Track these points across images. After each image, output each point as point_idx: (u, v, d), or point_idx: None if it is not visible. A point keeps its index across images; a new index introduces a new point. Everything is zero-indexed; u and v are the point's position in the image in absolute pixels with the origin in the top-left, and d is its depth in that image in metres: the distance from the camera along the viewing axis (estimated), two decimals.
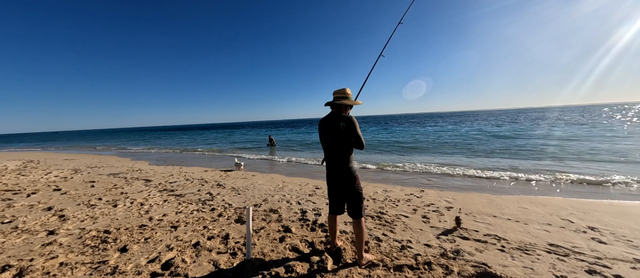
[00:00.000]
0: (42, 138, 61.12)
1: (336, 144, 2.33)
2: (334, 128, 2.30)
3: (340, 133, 2.28)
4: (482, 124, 29.52)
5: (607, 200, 4.69)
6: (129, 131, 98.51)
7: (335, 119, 2.32)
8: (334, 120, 2.32)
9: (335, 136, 2.31)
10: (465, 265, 2.46)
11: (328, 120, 2.39)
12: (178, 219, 3.93)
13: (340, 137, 2.29)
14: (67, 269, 2.52)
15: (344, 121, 2.27)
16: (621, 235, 3.15)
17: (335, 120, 2.31)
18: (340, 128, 2.27)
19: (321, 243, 2.95)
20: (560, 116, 38.67)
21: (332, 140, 2.34)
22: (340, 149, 2.33)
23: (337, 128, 2.28)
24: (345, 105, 2.39)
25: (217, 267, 2.50)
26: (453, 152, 11.67)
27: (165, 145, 23.90)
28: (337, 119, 2.31)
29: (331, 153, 2.39)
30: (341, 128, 2.26)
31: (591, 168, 7.29)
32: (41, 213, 4.34)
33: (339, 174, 2.37)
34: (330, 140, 2.35)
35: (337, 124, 2.29)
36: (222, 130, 57.38)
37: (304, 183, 6.43)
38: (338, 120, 2.30)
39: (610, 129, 17.49)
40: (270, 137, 19.04)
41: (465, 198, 4.83)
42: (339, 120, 2.29)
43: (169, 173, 8.30)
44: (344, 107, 2.40)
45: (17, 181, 7.24)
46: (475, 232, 3.30)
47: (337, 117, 2.32)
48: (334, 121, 2.32)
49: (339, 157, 2.35)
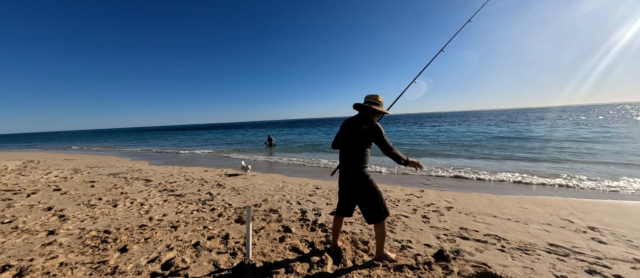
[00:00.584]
0: (42, 138, 61.10)
1: (353, 146, 2.30)
2: (356, 129, 2.28)
3: (360, 135, 2.26)
4: (482, 124, 29.52)
5: (607, 200, 4.69)
6: (128, 131, 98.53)
7: (360, 120, 2.31)
8: (358, 122, 2.31)
9: (354, 137, 2.29)
10: (465, 265, 2.46)
11: (353, 120, 2.38)
12: (178, 219, 3.93)
13: (358, 139, 2.27)
14: (67, 269, 2.52)
15: (367, 124, 2.25)
16: (621, 235, 3.15)
17: (359, 122, 2.30)
18: (362, 130, 2.24)
19: (321, 243, 2.95)
20: (560, 116, 38.68)
21: (350, 140, 2.32)
22: (355, 151, 2.29)
23: (358, 130, 2.26)
24: (374, 110, 2.37)
25: (217, 267, 2.50)
26: (453, 153, 11.68)
27: (165, 145, 23.90)
28: (362, 121, 2.30)
29: (346, 153, 2.36)
30: (363, 130, 2.24)
31: (592, 168, 7.29)
32: (41, 213, 4.34)
33: (351, 176, 2.34)
34: (349, 140, 2.33)
35: (360, 125, 2.27)
36: (221, 130, 57.41)
37: (304, 183, 6.43)
38: (362, 122, 2.29)
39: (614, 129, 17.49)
40: (270, 137, 18.69)
41: (465, 198, 4.83)
42: (363, 122, 2.28)
43: (169, 173, 8.30)
44: (372, 112, 2.38)
45: (17, 181, 7.24)
46: (475, 232, 3.30)
47: (362, 120, 2.31)
48: (358, 122, 2.31)
49: (353, 158, 2.31)
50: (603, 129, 17.37)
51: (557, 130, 18.64)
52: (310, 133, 31.53)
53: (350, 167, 2.33)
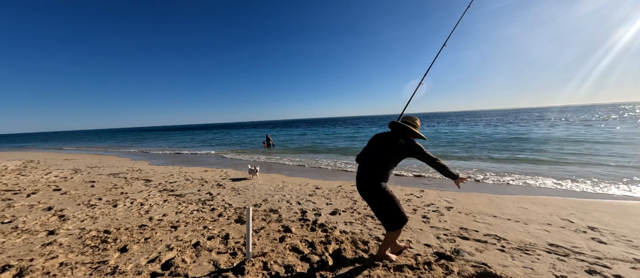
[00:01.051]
0: (42, 138, 61.09)
1: (382, 158, 2.28)
2: (391, 143, 2.28)
3: (395, 148, 2.25)
4: (482, 125, 29.53)
5: (607, 200, 4.69)
6: (128, 131, 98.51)
7: (397, 135, 2.32)
8: (394, 136, 2.32)
9: (386, 149, 2.28)
10: (465, 265, 2.46)
11: (387, 134, 2.40)
12: (178, 219, 3.93)
13: (391, 152, 2.26)
14: (67, 269, 2.52)
15: (405, 139, 2.25)
16: (621, 235, 3.15)
17: (396, 136, 2.31)
18: (398, 143, 2.24)
19: (321, 244, 2.95)
20: (559, 116, 38.70)
21: (380, 152, 2.30)
22: (381, 164, 2.28)
23: (394, 143, 2.26)
24: (412, 131, 2.38)
25: (217, 267, 2.50)
26: (453, 153, 11.68)
27: (165, 145, 23.89)
28: (399, 136, 2.31)
29: (369, 164, 2.33)
30: (399, 144, 2.24)
31: (592, 169, 7.30)
32: (41, 213, 4.34)
33: (367, 187, 2.31)
34: (378, 152, 2.31)
35: (396, 139, 2.28)
36: (220, 130, 57.42)
37: (304, 183, 6.44)
38: (399, 137, 2.29)
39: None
40: (268, 137, 18.45)
41: (465, 198, 4.83)
42: (400, 137, 2.29)
43: (169, 173, 8.30)
44: (408, 132, 2.39)
45: (17, 181, 7.24)
46: (475, 232, 3.30)
47: (400, 135, 2.32)
48: (394, 137, 2.32)
49: (375, 171, 2.28)
50: (603, 129, 17.38)
51: (557, 130, 18.65)
52: (310, 133, 31.54)
53: (369, 179, 2.30)
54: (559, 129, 19.07)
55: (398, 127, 2.41)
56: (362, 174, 2.36)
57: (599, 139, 13.21)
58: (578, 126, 20.67)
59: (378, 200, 2.29)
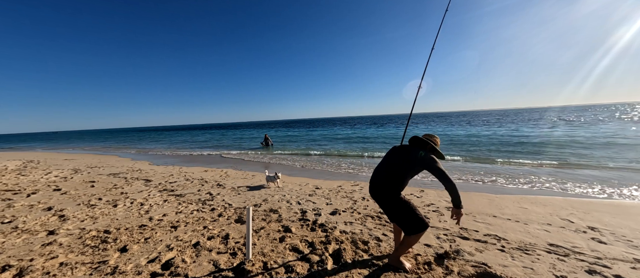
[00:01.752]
0: (42, 138, 61.08)
1: (399, 168, 2.30)
2: (412, 154, 2.31)
3: (414, 160, 2.27)
4: (482, 125, 29.52)
5: (607, 200, 4.69)
6: (128, 131, 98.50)
7: (417, 149, 2.36)
8: (414, 148, 2.36)
9: (405, 160, 2.31)
10: (465, 265, 2.46)
11: (407, 146, 2.44)
12: (178, 219, 3.93)
13: (410, 163, 2.28)
14: (67, 269, 2.52)
15: (424, 152, 2.29)
16: (621, 235, 3.15)
17: (416, 149, 2.35)
18: (418, 155, 2.27)
19: (321, 244, 2.95)
20: (560, 116, 38.69)
21: (398, 163, 2.33)
22: (398, 175, 2.29)
23: (414, 155, 2.29)
24: (432, 147, 2.41)
25: (217, 267, 2.50)
26: (453, 153, 11.67)
27: (164, 145, 23.89)
28: (420, 149, 2.35)
29: (385, 173, 2.35)
30: (418, 155, 2.27)
31: (591, 169, 7.29)
32: (41, 213, 4.34)
33: (381, 195, 2.32)
34: (396, 163, 2.34)
35: (416, 151, 2.31)
36: (220, 130, 57.44)
37: (304, 183, 6.44)
38: (419, 149, 2.33)
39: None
40: (266, 136, 18.36)
41: (465, 198, 4.82)
42: (421, 150, 2.33)
43: (169, 173, 8.30)
44: (429, 148, 2.42)
45: (17, 181, 7.24)
46: (475, 232, 3.30)
47: (420, 148, 2.36)
48: (414, 149, 2.36)
49: (391, 180, 2.30)
50: (603, 129, 17.37)
51: (557, 130, 18.65)
52: (309, 133, 31.53)
53: (386, 188, 2.31)
54: (559, 129, 19.08)
55: (420, 142, 2.45)
56: (379, 182, 2.36)
57: (599, 139, 13.21)
58: (578, 126, 20.67)
59: (394, 208, 2.31)
